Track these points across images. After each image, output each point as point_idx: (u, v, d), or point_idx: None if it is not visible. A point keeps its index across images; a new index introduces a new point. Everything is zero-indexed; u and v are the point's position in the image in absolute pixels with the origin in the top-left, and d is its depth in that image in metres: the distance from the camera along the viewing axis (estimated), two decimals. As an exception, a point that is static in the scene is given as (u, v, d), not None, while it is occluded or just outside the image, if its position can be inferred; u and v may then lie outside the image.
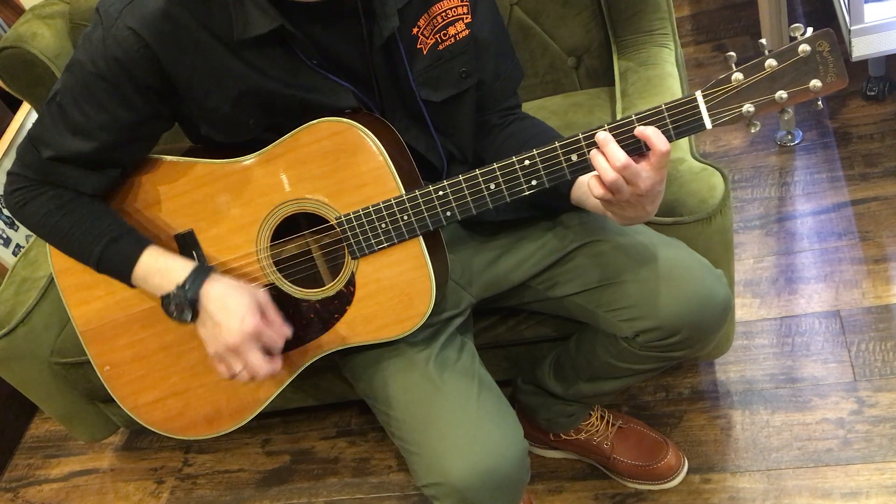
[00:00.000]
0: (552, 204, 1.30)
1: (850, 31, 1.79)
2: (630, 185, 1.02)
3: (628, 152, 1.03)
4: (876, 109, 2.08)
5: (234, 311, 1.14)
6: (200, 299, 1.16)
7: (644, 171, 1.02)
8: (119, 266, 1.21)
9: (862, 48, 1.80)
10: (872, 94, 2.08)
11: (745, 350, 1.75)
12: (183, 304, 1.16)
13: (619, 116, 1.58)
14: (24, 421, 2.26)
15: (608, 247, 1.27)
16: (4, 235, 2.29)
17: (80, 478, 2.07)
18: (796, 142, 2.09)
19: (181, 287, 1.16)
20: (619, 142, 1.03)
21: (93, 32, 1.11)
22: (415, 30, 1.16)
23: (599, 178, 1.03)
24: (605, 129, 1.04)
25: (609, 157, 1.01)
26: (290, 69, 1.12)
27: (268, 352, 1.18)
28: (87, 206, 1.20)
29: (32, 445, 2.21)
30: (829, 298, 1.77)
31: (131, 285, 1.23)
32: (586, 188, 1.11)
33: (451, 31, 1.18)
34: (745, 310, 1.81)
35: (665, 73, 1.58)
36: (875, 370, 1.63)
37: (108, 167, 1.20)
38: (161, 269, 1.19)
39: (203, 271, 1.18)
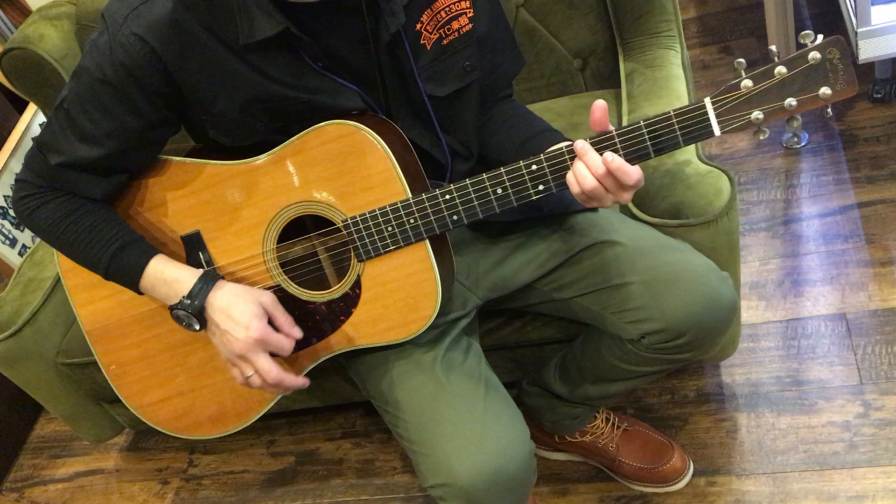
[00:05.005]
0: (558, 206, 1.31)
1: (856, 33, 1.79)
2: (610, 193, 1.07)
3: (634, 158, 1.05)
4: (882, 112, 2.07)
5: (240, 320, 1.15)
6: (207, 309, 1.17)
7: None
8: (126, 275, 1.22)
9: (868, 50, 1.80)
10: (879, 96, 2.08)
11: (751, 352, 1.75)
12: (190, 316, 1.17)
13: (624, 118, 1.58)
14: (29, 421, 2.27)
15: (614, 249, 1.27)
16: (10, 236, 2.29)
17: (86, 478, 2.08)
18: (802, 144, 2.08)
19: (188, 298, 1.17)
20: (628, 146, 1.05)
21: (99, 38, 1.11)
22: (418, 25, 1.16)
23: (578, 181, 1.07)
24: (592, 138, 1.06)
25: (589, 165, 1.06)
26: (295, 72, 1.12)
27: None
28: (95, 213, 1.21)
29: (38, 446, 2.21)
30: (835, 301, 1.76)
31: (140, 293, 1.24)
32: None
33: (455, 25, 1.19)
34: (750, 312, 1.81)
35: (671, 75, 1.58)
36: (881, 373, 1.63)
37: (116, 173, 1.20)
38: (167, 279, 1.19)
39: (209, 280, 1.18)
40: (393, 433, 1.31)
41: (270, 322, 1.19)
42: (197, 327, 1.18)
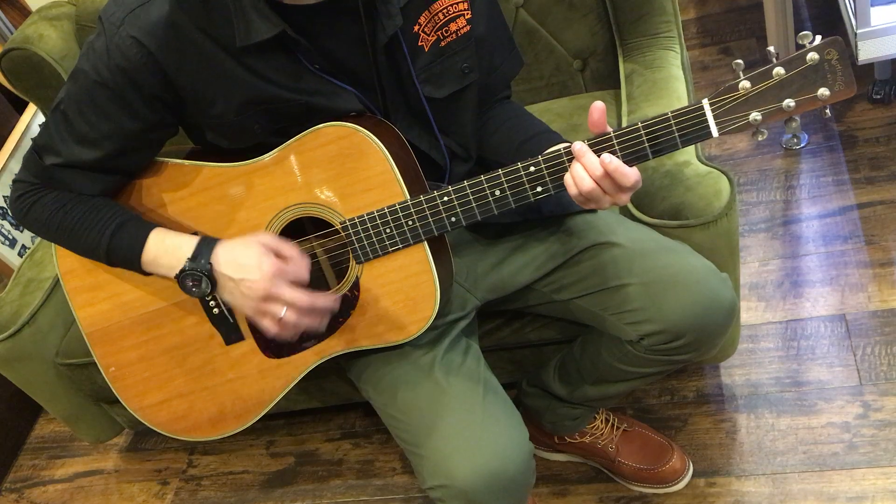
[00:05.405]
0: (556, 207, 1.31)
1: (856, 34, 1.79)
2: (608, 194, 1.07)
3: (632, 160, 1.05)
4: (882, 113, 2.07)
5: (249, 263, 1.13)
6: (214, 267, 1.15)
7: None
8: (128, 252, 1.20)
9: (868, 51, 1.80)
10: (878, 97, 2.08)
11: (751, 353, 1.75)
12: (199, 276, 1.15)
13: (624, 119, 1.58)
14: (28, 422, 2.27)
15: (613, 250, 1.27)
16: (10, 236, 2.29)
17: (85, 479, 2.08)
18: (802, 145, 2.08)
19: (192, 260, 1.15)
20: (626, 148, 1.05)
21: (96, 41, 1.11)
22: (416, 27, 1.16)
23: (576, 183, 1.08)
24: (590, 140, 1.07)
25: (587, 166, 1.06)
26: (292, 74, 1.12)
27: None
28: (89, 201, 1.20)
29: (37, 446, 2.21)
30: (835, 302, 1.76)
31: (144, 272, 1.22)
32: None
33: (453, 27, 1.19)
34: (750, 313, 1.81)
35: (671, 76, 1.58)
36: (881, 374, 1.63)
37: (113, 173, 1.20)
38: (169, 248, 1.18)
39: (210, 240, 1.17)
40: (392, 434, 1.31)
41: None
42: (208, 289, 1.16)
